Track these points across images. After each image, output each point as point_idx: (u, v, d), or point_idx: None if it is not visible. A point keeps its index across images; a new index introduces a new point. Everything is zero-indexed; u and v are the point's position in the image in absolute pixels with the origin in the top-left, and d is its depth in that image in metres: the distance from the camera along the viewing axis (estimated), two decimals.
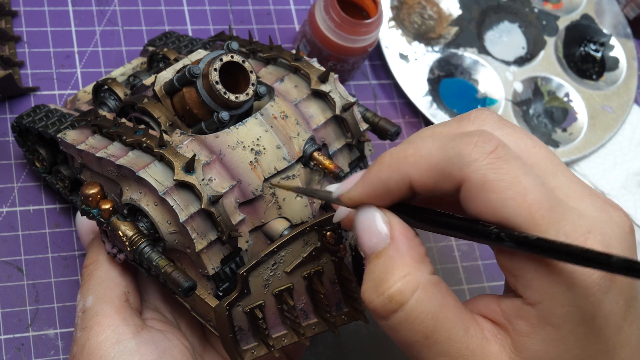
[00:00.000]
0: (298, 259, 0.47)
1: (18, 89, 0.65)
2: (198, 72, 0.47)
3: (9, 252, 0.60)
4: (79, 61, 0.69)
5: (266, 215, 0.48)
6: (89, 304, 0.48)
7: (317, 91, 0.52)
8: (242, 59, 0.48)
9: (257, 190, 0.47)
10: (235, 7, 0.76)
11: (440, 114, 0.76)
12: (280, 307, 0.47)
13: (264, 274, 0.46)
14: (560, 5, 0.87)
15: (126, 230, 0.46)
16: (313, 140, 0.50)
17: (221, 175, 0.46)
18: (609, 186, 0.79)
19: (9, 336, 0.57)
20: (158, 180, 0.45)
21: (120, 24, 0.72)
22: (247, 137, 0.48)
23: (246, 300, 0.46)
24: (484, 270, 0.72)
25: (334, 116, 0.52)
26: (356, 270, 0.51)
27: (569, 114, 0.82)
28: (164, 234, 0.46)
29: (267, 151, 0.48)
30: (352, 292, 0.49)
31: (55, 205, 0.62)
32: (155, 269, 0.45)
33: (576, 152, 0.79)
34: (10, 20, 0.68)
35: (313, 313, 0.49)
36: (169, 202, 0.44)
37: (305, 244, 0.47)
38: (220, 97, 0.47)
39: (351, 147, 0.53)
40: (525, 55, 0.83)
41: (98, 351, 0.45)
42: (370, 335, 0.66)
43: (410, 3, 0.82)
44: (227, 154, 0.47)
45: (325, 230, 0.47)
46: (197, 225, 0.45)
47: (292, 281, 0.47)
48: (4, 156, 0.63)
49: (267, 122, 0.48)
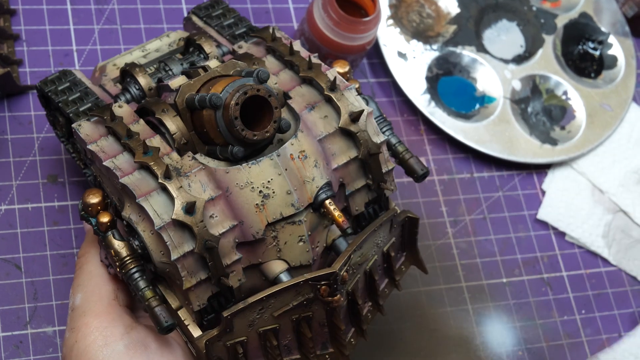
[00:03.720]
0: (287, 306, 0.46)
1: (16, 87, 0.65)
2: (220, 103, 0.45)
3: (8, 250, 0.60)
4: (78, 59, 0.69)
5: (264, 256, 0.47)
6: (77, 302, 0.47)
7: (345, 130, 0.49)
8: (268, 94, 0.45)
9: (258, 234, 0.46)
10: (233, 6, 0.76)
11: (438, 112, 0.76)
12: (262, 343, 0.47)
13: (249, 316, 0.45)
14: (559, 4, 0.87)
15: (119, 250, 0.45)
16: (329, 186, 0.47)
17: (224, 213, 0.45)
18: (607, 184, 0.79)
19: (7, 334, 0.57)
20: (157, 212, 0.44)
21: (118, 22, 0.72)
22: (257, 178, 0.45)
23: (228, 337, 0.45)
24: (482, 267, 0.72)
25: (358, 157, 0.49)
26: (350, 311, 0.50)
27: (568, 112, 0.82)
28: (156, 261, 0.45)
29: (276, 195, 0.46)
30: (339, 336, 0.48)
31: (54, 203, 0.63)
32: (141, 298, 0.45)
33: (574, 150, 0.79)
34: (9, 18, 0.68)
35: (296, 349, 0.49)
36: (164, 238, 0.43)
37: (297, 294, 0.46)
38: (238, 133, 0.45)
39: (370, 187, 0.51)
40: (524, 54, 0.83)
41: (86, 354, 0.45)
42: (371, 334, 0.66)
43: (409, 1, 0.82)
44: (233, 192, 0.45)
45: (320, 285, 0.45)
46: (188, 264, 0.44)
47: (279, 322, 0.47)
48: (2, 154, 0.63)
49: (282, 165, 0.46)
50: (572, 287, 0.74)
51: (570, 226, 0.76)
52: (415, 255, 0.56)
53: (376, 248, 0.51)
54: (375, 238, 0.50)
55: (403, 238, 0.55)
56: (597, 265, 0.76)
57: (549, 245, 0.75)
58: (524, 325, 0.71)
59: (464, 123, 0.77)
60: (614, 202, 0.79)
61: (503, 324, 0.71)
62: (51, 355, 0.57)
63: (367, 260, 0.50)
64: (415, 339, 0.68)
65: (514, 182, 0.77)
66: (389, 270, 0.54)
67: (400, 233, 0.54)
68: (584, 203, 0.78)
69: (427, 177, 0.53)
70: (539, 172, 0.79)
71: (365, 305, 0.52)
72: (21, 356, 0.57)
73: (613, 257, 0.77)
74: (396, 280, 0.54)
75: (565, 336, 0.72)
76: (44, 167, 0.64)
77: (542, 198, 0.77)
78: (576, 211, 0.77)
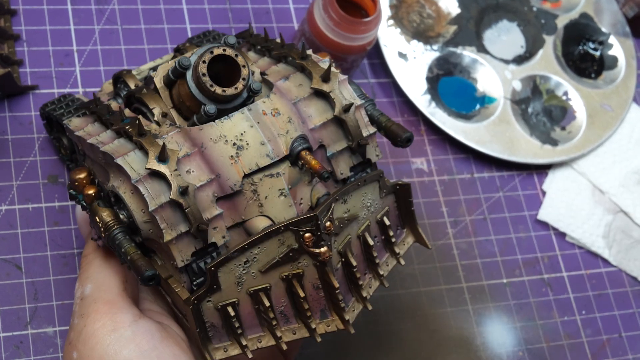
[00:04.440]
0: (273, 259, 0.46)
1: (17, 88, 0.65)
2: (188, 64, 0.47)
3: (8, 250, 0.60)
4: (78, 60, 0.69)
5: (247, 212, 0.47)
6: (87, 292, 0.48)
7: (318, 90, 0.50)
8: (235, 53, 0.47)
9: (236, 186, 0.46)
10: (234, 6, 0.76)
11: (439, 112, 0.76)
12: (257, 307, 0.47)
13: (235, 271, 0.45)
14: (559, 4, 0.87)
15: (104, 216, 0.46)
16: (304, 139, 0.48)
17: (200, 168, 0.46)
18: (607, 184, 0.79)
19: (7, 334, 0.57)
20: (134, 168, 0.45)
21: (119, 22, 0.72)
22: (230, 132, 0.46)
23: (217, 297, 0.45)
24: (483, 268, 0.72)
25: (334, 117, 0.50)
26: (347, 278, 0.49)
27: (568, 113, 0.82)
28: (139, 222, 0.45)
29: (250, 147, 0.46)
30: (337, 299, 0.48)
31: (54, 204, 0.63)
32: (123, 255, 0.45)
33: (575, 151, 0.79)
34: (10, 18, 0.68)
35: (294, 317, 0.48)
36: (141, 190, 0.44)
37: (281, 244, 0.46)
38: (207, 90, 0.46)
39: (353, 151, 0.51)
40: (524, 54, 0.83)
41: (94, 338, 0.45)
42: (369, 335, 0.66)
43: (409, 2, 0.82)
44: (208, 147, 0.46)
45: (302, 232, 0.45)
46: (167, 215, 0.44)
47: (269, 282, 0.46)
48: (3, 154, 0.63)
49: (254, 118, 0.47)
50: (572, 288, 0.74)
51: (571, 227, 0.76)
52: (413, 228, 0.55)
53: (367, 211, 0.51)
54: (362, 198, 0.50)
55: (400, 212, 0.54)
56: (598, 265, 0.76)
57: (549, 246, 0.75)
58: (525, 326, 0.71)
59: (465, 123, 0.77)
60: (614, 202, 0.79)
61: (503, 324, 0.71)
62: (52, 355, 0.58)
63: (356, 220, 0.50)
64: (416, 340, 0.68)
65: (514, 183, 0.77)
66: (388, 242, 0.53)
67: (396, 206, 0.54)
68: (585, 203, 0.78)
69: (411, 141, 0.52)
70: (539, 172, 0.79)
71: (366, 277, 0.52)
72: (21, 356, 0.57)
73: (613, 258, 0.77)
74: (397, 254, 0.53)
75: (565, 337, 0.72)
76: (45, 168, 0.64)
77: (543, 198, 0.77)
78: (577, 212, 0.77)
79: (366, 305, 0.50)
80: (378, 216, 0.52)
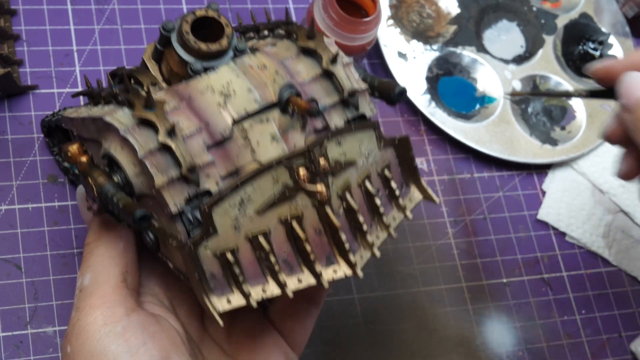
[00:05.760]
0: (269, 199, 0.44)
1: (17, 88, 0.65)
2: (172, 27, 0.47)
3: (8, 250, 0.60)
4: (78, 60, 0.69)
5: (239, 160, 0.45)
6: (86, 283, 0.48)
7: (305, 48, 0.49)
8: (217, 14, 0.47)
9: (226, 132, 0.45)
10: (234, 6, 0.76)
11: (438, 112, 0.76)
12: (258, 255, 0.45)
13: (230, 213, 0.44)
14: (559, 4, 0.87)
15: (96, 176, 0.45)
16: (292, 87, 0.47)
17: (189, 118, 0.45)
18: (607, 184, 0.79)
19: (7, 334, 0.57)
20: (122, 122, 0.44)
21: (119, 22, 0.72)
22: (216, 82, 0.46)
23: (215, 242, 0.44)
24: (483, 268, 0.72)
25: (323, 72, 0.49)
26: (351, 225, 0.48)
27: (568, 112, 0.82)
28: (131, 176, 0.44)
29: (237, 94, 0.46)
30: (341, 241, 0.46)
31: (54, 203, 0.63)
32: (114, 204, 0.44)
33: (575, 151, 0.79)
34: (9, 18, 0.68)
35: (298, 266, 0.46)
36: (130, 140, 0.43)
37: (275, 182, 0.44)
38: (192, 47, 0.46)
39: (347, 105, 0.50)
40: (524, 54, 0.83)
41: (85, 332, 0.45)
42: (369, 333, 0.67)
43: (409, 2, 0.82)
44: (195, 99, 0.46)
45: (296, 167, 0.44)
46: (156, 161, 0.44)
47: (268, 225, 0.45)
48: (3, 154, 0.63)
49: (241, 69, 0.47)
50: (572, 288, 0.74)
51: (571, 226, 0.76)
52: (418, 184, 0.54)
53: (365, 160, 0.50)
54: (359, 144, 0.49)
55: (403, 168, 0.53)
56: (598, 265, 0.76)
57: (549, 246, 0.76)
58: (524, 326, 0.71)
59: (464, 123, 0.77)
60: (614, 202, 0.79)
61: (503, 324, 0.71)
62: (51, 355, 0.58)
63: (354, 166, 0.49)
64: (415, 339, 0.68)
65: (514, 183, 0.77)
66: (393, 196, 0.52)
67: (398, 162, 0.53)
68: (585, 203, 0.78)
69: (404, 94, 0.51)
70: (539, 172, 0.79)
71: (372, 228, 0.50)
72: (21, 356, 0.57)
73: (613, 258, 0.77)
74: (403, 207, 0.52)
75: (565, 336, 0.72)
76: (45, 168, 0.64)
77: (543, 198, 0.77)
78: (576, 211, 0.77)
79: (374, 252, 0.48)
80: (379, 168, 0.51)
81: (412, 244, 0.71)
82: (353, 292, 0.68)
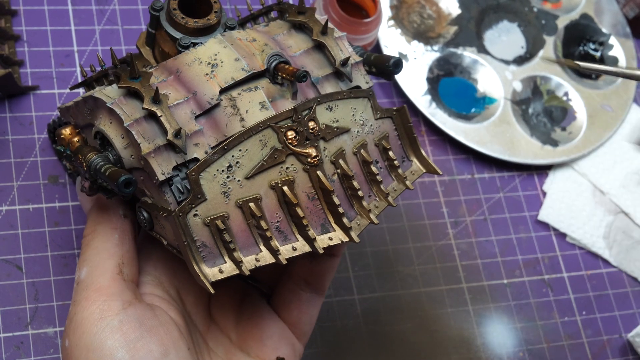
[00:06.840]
0: (257, 164, 0.44)
1: (18, 88, 0.65)
2: (160, 6, 0.48)
3: (9, 251, 0.60)
4: (79, 60, 0.69)
5: (228, 128, 0.45)
6: (82, 276, 0.48)
7: (295, 22, 0.49)
8: None
9: (213, 100, 0.45)
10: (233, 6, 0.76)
11: (439, 113, 0.76)
12: (249, 223, 0.44)
13: (219, 178, 0.43)
14: (560, 5, 0.87)
15: (87, 152, 0.45)
16: (280, 55, 0.47)
17: (177, 90, 0.45)
18: (608, 185, 0.79)
19: (8, 334, 0.57)
20: (109, 96, 0.44)
21: (119, 23, 0.72)
22: (204, 54, 0.46)
23: (204, 209, 0.43)
24: (483, 268, 0.72)
25: (315, 44, 0.49)
26: (347, 193, 0.47)
27: (568, 113, 0.82)
28: (119, 149, 0.44)
29: (225, 64, 0.46)
30: (335, 206, 0.45)
31: (55, 204, 0.63)
32: (102, 174, 0.43)
33: (575, 151, 0.79)
34: (10, 19, 0.68)
35: (293, 234, 0.45)
36: (116, 111, 0.43)
37: (263, 146, 0.44)
38: (180, 23, 0.47)
39: (341, 77, 0.49)
40: (525, 55, 0.83)
41: (82, 326, 0.45)
42: (369, 334, 0.67)
43: (410, 2, 0.82)
44: (183, 71, 0.46)
45: (283, 128, 0.44)
46: (142, 129, 0.43)
47: (258, 191, 0.44)
48: (3, 155, 0.63)
49: (228, 41, 0.47)
50: (572, 288, 0.74)
51: (571, 227, 0.76)
52: (419, 155, 0.53)
53: (360, 129, 0.49)
54: (352, 112, 0.48)
55: (402, 140, 0.52)
56: (598, 266, 0.76)
57: (549, 247, 0.75)
58: (525, 326, 0.71)
59: (465, 124, 0.77)
60: (615, 203, 0.79)
61: (504, 324, 0.71)
62: (52, 356, 0.58)
63: (348, 133, 0.48)
64: (416, 340, 0.68)
65: (514, 183, 0.77)
66: (392, 167, 0.51)
67: (397, 135, 0.52)
68: (585, 204, 0.78)
69: (400, 66, 0.50)
70: (539, 173, 0.79)
71: (370, 198, 0.49)
72: (22, 357, 0.57)
73: (614, 259, 0.77)
74: (404, 177, 0.51)
75: (566, 337, 0.72)
76: (45, 168, 0.64)
77: (543, 199, 0.77)
78: (577, 212, 0.77)
79: (371, 219, 0.47)
80: (376, 139, 0.50)
81: (412, 244, 0.71)
82: (353, 293, 0.68)
